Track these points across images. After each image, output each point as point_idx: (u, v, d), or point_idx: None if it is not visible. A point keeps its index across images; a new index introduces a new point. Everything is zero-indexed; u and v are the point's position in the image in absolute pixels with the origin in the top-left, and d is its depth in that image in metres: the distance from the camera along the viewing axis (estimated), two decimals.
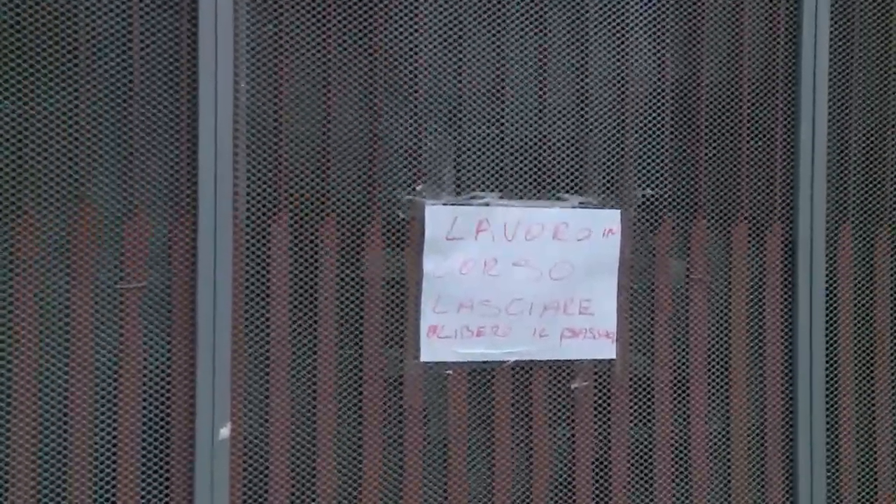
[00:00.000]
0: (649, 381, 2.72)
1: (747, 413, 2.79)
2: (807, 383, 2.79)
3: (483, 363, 2.57)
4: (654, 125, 2.71)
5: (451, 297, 2.52)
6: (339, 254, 2.49)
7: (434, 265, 2.51)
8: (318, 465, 2.47)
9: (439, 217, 2.51)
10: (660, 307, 2.71)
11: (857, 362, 2.89)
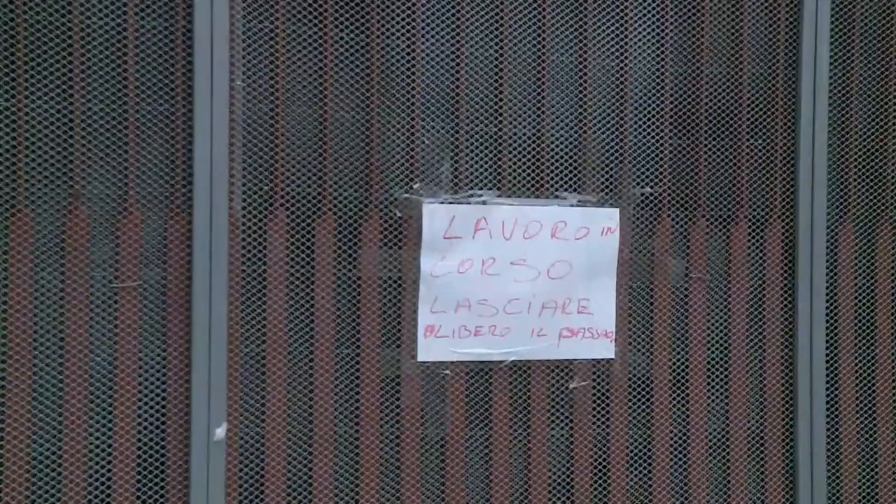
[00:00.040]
0: (648, 380, 2.71)
1: (747, 413, 2.79)
2: (807, 383, 2.79)
3: (481, 363, 2.57)
4: (653, 122, 2.71)
5: (448, 296, 2.52)
6: (336, 252, 2.49)
7: (431, 264, 2.51)
8: (315, 466, 2.47)
9: (437, 215, 2.50)
10: (659, 306, 2.69)
11: (857, 362, 2.89)
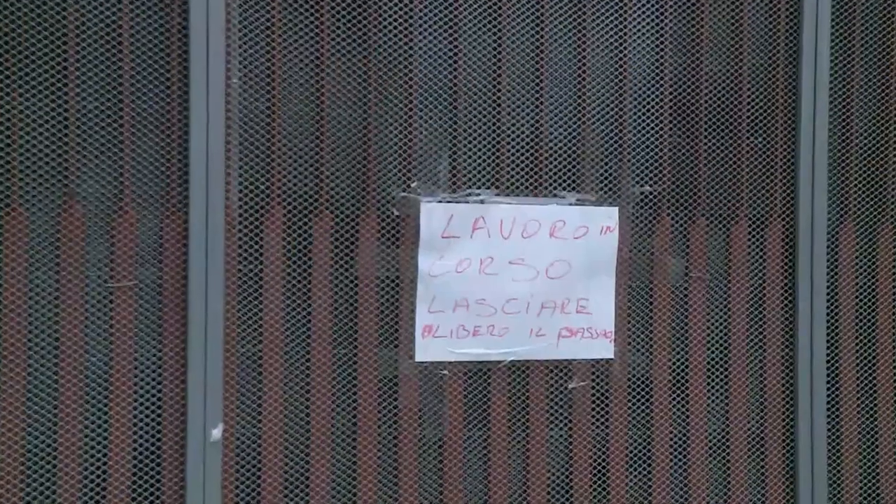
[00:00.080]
0: (648, 381, 2.71)
1: (747, 413, 2.78)
2: (807, 383, 2.78)
3: (479, 363, 2.57)
4: (653, 121, 2.70)
5: (446, 295, 2.51)
6: (333, 251, 2.48)
7: (429, 263, 2.50)
8: (312, 467, 2.46)
9: (435, 214, 2.50)
10: (658, 306, 2.68)
11: (858, 362, 2.88)
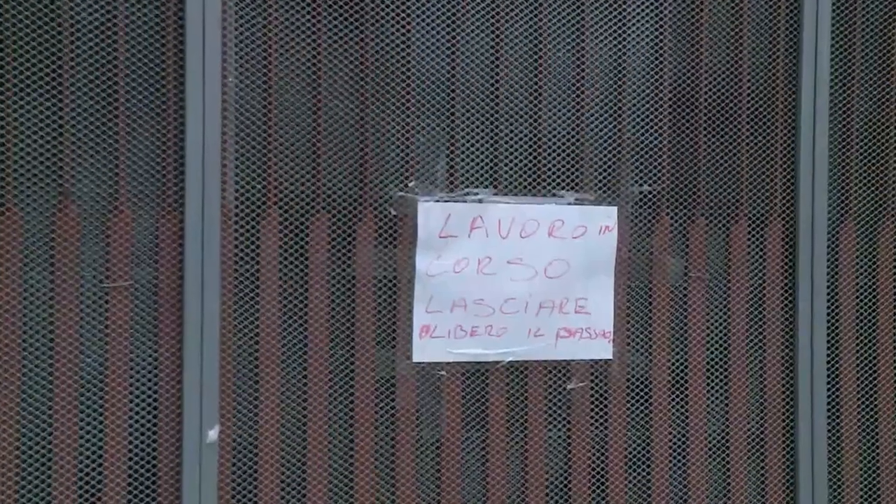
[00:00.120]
0: (647, 381, 2.70)
1: (747, 414, 2.78)
2: (808, 383, 2.78)
3: (477, 364, 2.56)
4: (652, 120, 2.70)
5: (444, 295, 2.51)
6: (330, 251, 2.48)
7: (427, 263, 2.49)
8: (309, 469, 2.46)
9: (432, 214, 2.49)
10: (658, 306, 2.68)
11: (859, 362, 2.88)
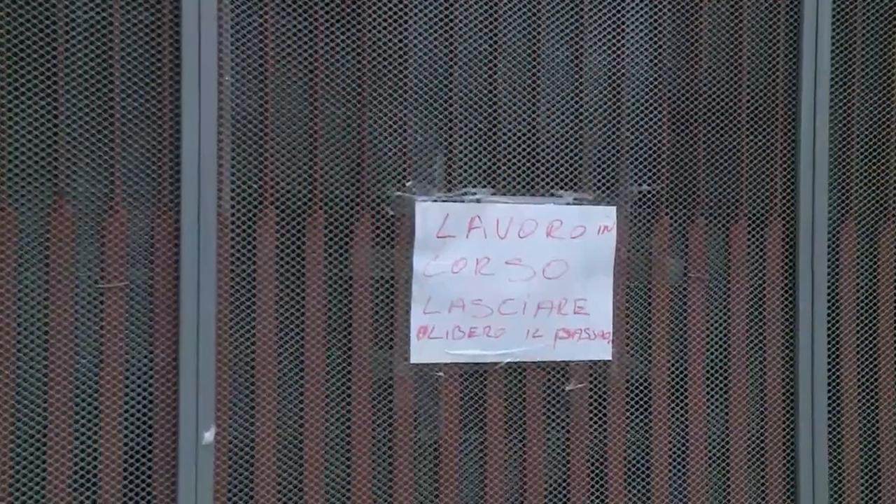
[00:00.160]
0: (646, 382, 2.70)
1: (747, 415, 2.78)
2: (808, 384, 2.78)
3: (475, 365, 2.56)
4: (651, 118, 2.70)
5: (441, 296, 2.50)
6: (327, 252, 2.48)
7: (424, 264, 2.49)
8: (306, 470, 2.46)
9: (430, 214, 2.49)
10: (657, 307, 2.68)
11: (860, 362, 2.87)
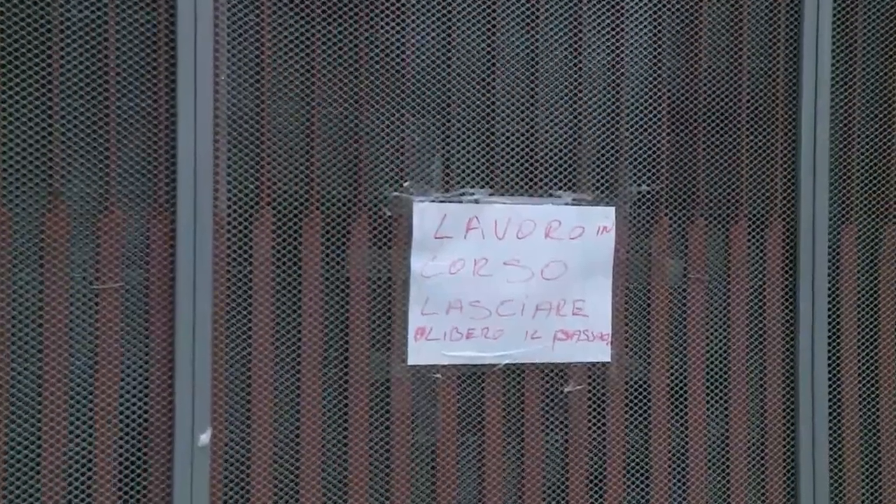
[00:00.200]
0: (645, 384, 2.70)
1: (747, 416, 2.77)
2: (808, 386, 2.77)
3: (473, 366, 2.56)
4: (650, 118, 2.70)
5: (439, 297, 2.50)
6: (324, 252, 2.47)
7: (422, 264, 2.49)
8: (302, 473, 2.45)
9: (427, 214, 2.48)
10: (656, 308, 2.67)
11: (860, 363, 2.87)
